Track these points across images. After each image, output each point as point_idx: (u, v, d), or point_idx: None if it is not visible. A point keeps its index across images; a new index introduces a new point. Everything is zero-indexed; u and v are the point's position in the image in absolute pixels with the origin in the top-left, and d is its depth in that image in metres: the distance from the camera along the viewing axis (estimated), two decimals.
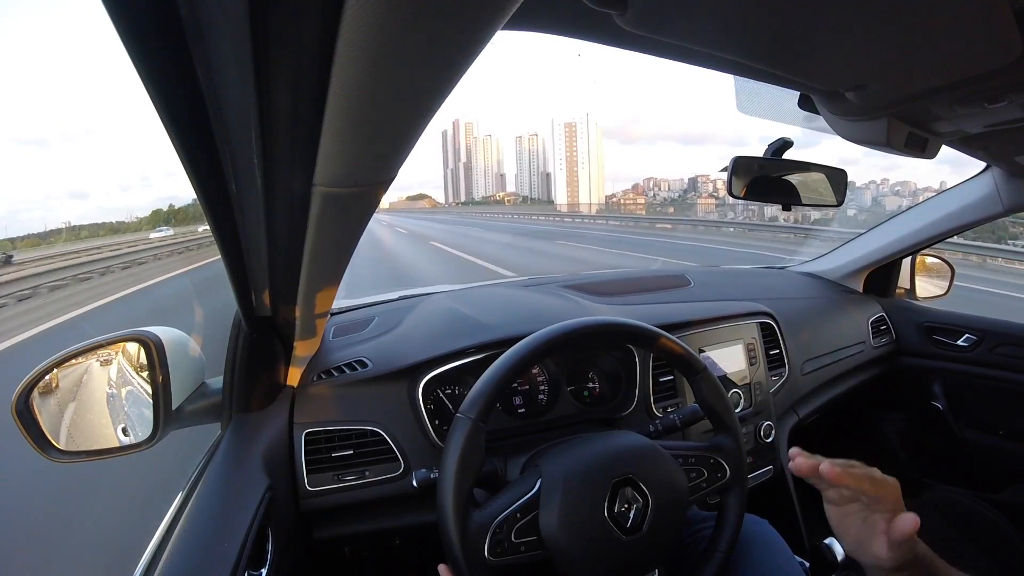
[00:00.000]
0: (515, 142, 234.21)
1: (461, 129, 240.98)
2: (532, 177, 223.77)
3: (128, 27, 0.24)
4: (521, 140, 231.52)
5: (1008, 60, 0.47)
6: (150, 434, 0.65)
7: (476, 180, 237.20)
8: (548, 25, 0.50)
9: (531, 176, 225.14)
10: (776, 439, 1.06)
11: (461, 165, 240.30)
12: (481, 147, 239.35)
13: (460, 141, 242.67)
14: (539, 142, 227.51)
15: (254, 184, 0.37)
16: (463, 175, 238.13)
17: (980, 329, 1.28)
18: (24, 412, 0.61)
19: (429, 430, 0.79)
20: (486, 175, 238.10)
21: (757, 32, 0.44)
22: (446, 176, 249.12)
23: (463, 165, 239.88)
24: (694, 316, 1.02)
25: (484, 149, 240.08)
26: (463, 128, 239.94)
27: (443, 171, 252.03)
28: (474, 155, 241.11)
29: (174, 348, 0.67)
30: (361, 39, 0.24)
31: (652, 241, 13.48)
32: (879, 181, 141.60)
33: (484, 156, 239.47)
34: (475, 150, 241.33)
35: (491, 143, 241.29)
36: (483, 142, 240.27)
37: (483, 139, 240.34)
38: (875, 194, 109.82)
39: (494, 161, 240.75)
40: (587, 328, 0.63)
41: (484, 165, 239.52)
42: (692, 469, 0.63)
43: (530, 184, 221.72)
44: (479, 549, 0.53)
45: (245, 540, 0.52)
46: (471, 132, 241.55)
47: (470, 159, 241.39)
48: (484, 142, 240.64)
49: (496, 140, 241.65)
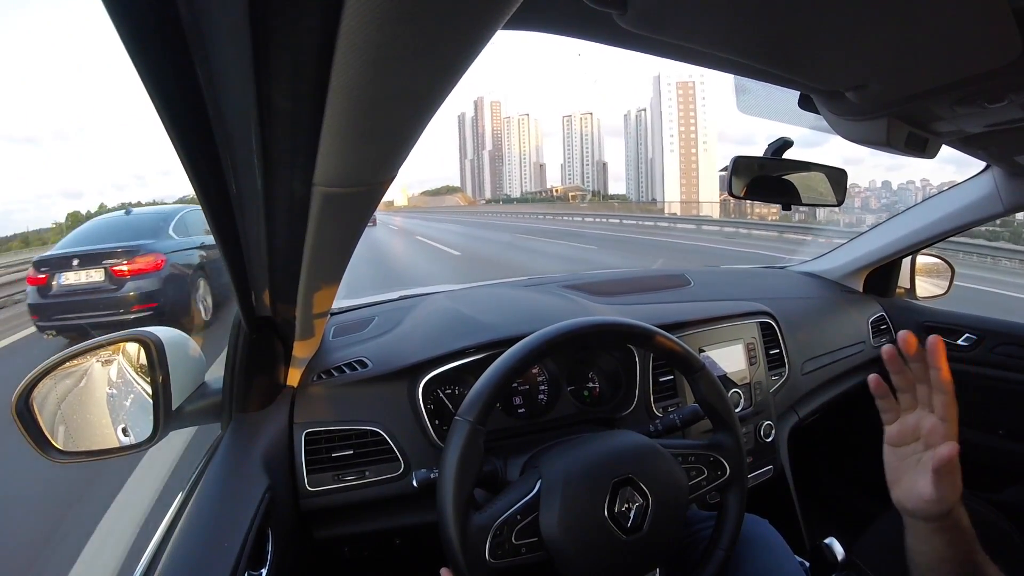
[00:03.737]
0: (561, 124, 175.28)
1: (485, 109, 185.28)
2: (585, 167, 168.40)
3: (128, 27, 0.24)
4: (571, 121, 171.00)
5: (1008, 60, 0.46)
6: (150, 434, 0.65)
7: (509, 172, 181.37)
8: (548, 25, 0.50)
9: (583, 166, 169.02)
10: (776, 439, 1.06)
11: (486, 154, 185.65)
12: (516, 131, 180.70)
13: (484, 124, 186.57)
14: (593, 123, 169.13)
15: (254, 184, 0.37)
16: (488, 167, 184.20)
17: (980, 329, 1.28)
18: (24, 412, 0.61)
19: (429, 430, 0.78)
20: (522, 166, 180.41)
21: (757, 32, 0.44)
22: (464, 168, 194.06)
23: (488, 154, 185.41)
24: (694, 316, 1.02)
25: (519, 133, 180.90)
26: (488, 108, 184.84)
27: (460, 163, 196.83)
28: (505, 141, 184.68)
29: (174, 348, 0.67)
30: (361, 39, 0.24)
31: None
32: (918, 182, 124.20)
33: (519, 142, 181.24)
34: (505, 135, 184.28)
35: (528, 125, 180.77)
36: (518, 124, 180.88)
37: (518, 120, 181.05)
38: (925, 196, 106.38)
39: (532, 148, 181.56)
40: (586, 328, 0.63)
41: (519, 153, 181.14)
42: (692, 468, 0.63)
43: (582, 176, 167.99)
44: (480, 552, 0.53)
45: (245, 540, 0.52)
46: (498, 113, 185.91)
47: (499, 146, 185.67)
48: (519, 124, 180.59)
49: (535, 121, 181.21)
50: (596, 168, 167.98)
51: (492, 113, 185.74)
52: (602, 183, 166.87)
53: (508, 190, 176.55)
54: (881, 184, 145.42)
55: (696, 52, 0.49)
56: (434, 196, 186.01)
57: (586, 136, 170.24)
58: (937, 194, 1.31)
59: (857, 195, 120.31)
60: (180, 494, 0.64)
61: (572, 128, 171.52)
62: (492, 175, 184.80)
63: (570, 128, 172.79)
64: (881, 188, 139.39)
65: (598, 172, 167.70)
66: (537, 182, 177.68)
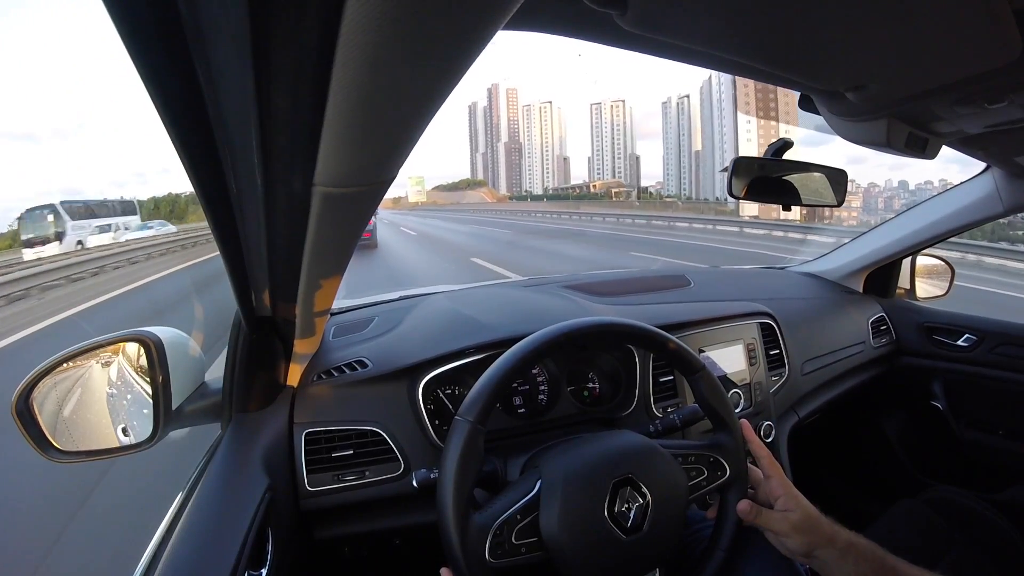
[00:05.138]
0: (589, 112, 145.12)
1: (501, 97, 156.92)
2: (617, 161, 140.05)
3: (128, 27, 0.24)
4: (600, 109, 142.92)
5: (1008, 60, 0.47)
6: (150, 434, 0.65)
7: (529, 166, 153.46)
8: (548, 25, 0.50)
9: (615, 159, 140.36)
10: (776, 439, 1.06)
11: (501, 147, 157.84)
12: (536, 120, 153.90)
13: (500, 114, 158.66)
14: (626, 112, 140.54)
15: (254, 184, 0.37)
16: (504, 160, 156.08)
17: (980, 329, 1.28)
18: (24, 412, 0.61)
19: (429, 430, 0.78)
20: (544, 159, 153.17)
21: (757, 32, 0.44)
22: (475, 163, 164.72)
23: (504, 146, 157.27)
24: (694, 316, 1.02)
25: (540, 123, 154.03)
26: (503, 96, 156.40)
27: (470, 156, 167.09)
28: (523, 132, 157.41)
29: (174, 348, 0.67)
30: (361, 39, 0.24)
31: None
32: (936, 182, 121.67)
33: (541, 133, 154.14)
34: (524, 125, 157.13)
35: (551, 114, 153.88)
36: (539, 113, 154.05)
37: (539, 108, 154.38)
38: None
39: (555, 140, 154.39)
40: (586, 328, 0.63)
41: (541, 145, 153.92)
42: (692, 468, 0.63)
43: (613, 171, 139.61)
44: (480, 552, 0.53)
45: (245, 540, 0.52)
46: (515, 101, 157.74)
47: (515, 138, 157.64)
48: (540, 112, 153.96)
49: (558, 110, 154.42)
50: (629, 162, 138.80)
51: (508, 102, 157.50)
52: (635, 178, 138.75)
53: (528, 186, 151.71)
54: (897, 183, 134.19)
55: (696, 52, 0.49)
56: (451, 191, 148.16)
57: (617, 126, 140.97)
58: (937, 195, 1.31)
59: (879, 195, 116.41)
60: (180, 494, 0.64)
61: (602, 117, 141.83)
62: (508, 170, 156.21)
63: (599, 117, 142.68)
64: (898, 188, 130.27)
65: (631, 166, 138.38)
66: (560, 177, 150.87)
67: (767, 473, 0.64)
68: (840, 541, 0.57)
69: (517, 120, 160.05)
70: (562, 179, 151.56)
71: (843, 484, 1.53)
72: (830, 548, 0.57)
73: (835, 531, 0.58)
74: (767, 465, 0.64)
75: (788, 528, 0.59)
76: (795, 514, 0.59)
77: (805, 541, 0.58)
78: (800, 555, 0.59)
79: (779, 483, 0.63)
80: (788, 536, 0.59)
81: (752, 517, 0.61)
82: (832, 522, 0.59)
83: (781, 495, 0.62)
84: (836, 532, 0.58)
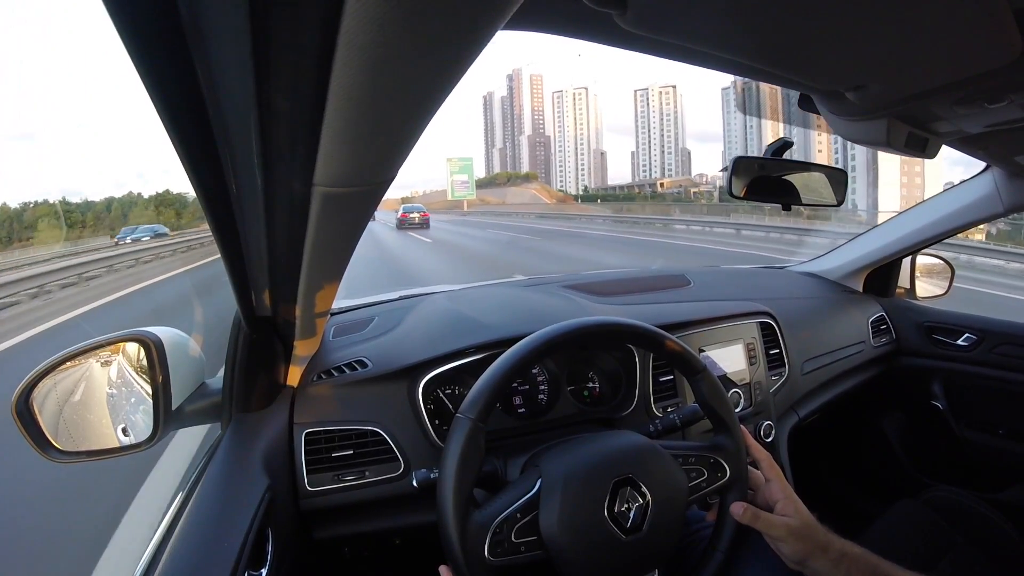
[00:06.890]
0: (633, 99, 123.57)
1: (524, 85, 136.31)
2: (666, 156, 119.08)
3: (128, 27, 0.24)
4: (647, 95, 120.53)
5: (1008, 60, 0.47)
6: (150, 434, 0.65)
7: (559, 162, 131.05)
8: (548, 25, 0.50)
9: (664, 154, 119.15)
10: (776, 439, 1.06)
11: (524, 140, 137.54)
12: (571, 109, 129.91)
13: (523, 104, 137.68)
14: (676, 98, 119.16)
15: (254, 184, 0.37)
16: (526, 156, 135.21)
17: (980, 329, 1.28)
18: (24, 412, 0.61)
19: (429, 430, 0.78)
20: (578, 154, 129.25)
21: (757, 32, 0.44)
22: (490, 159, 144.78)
23: (527, 140, 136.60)
24: (694, 316, 1.02)
25: (575, 113, 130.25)
26: (527, 83, 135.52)
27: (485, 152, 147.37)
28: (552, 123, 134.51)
29: (174, 348, 0.67)
30: (361, 39, 0.24)
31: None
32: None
33: (575, 124, 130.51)
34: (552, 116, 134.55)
35: (586, 102, 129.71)
36: (573, 101, 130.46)
37: (573, 95, 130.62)
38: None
39: (591, 131, 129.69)
40: (586, 328, 0.63)
41: (574, 138, 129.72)
42: (692, 469, 0.63)
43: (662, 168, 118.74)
44: (479, 549, 0.53)
45: (245, 540, 0.52)
46: (539, 89, 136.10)
47: (540, 130, 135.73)
48: (575, 100, 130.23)
49: (594, 97, 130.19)
50: (680, 156, 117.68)
51: (533, 90, 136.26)
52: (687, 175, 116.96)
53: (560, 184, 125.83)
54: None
55: (696, 52, 0.49)
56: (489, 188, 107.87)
57: (667, 116, 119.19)
58: (937, 194, 1.31)
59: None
60: (180, 494, 0.64)
61: (648, 106, 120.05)
62: (532, 167, 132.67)
63: (646, 106, 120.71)
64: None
65: (681, 162, 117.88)
66: (598, 176, 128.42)
67: (767, 476, 0.64)
68: (833, 551, 0.57)
69: (542, 110, 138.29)
70: (599, 177, 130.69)
71: (843, 484, 1.53)
72: (823, 558, 0.57)
73: (829, 540, 0.58)
74: (767, 468, 0.65)
75: (785, 533, 0.59)
76: (793, 520, 0.59)
77: (800, 548, 0.58)
78: (794, 563, 0.59)
79: (779, 487, 0.63)
80: (784, 541, 0.59)
81: (747, 519, 0.61)
82: (827, 531, 0.59)
83: (780, 499, 0.62)
84: (830, 541, 0.58)
